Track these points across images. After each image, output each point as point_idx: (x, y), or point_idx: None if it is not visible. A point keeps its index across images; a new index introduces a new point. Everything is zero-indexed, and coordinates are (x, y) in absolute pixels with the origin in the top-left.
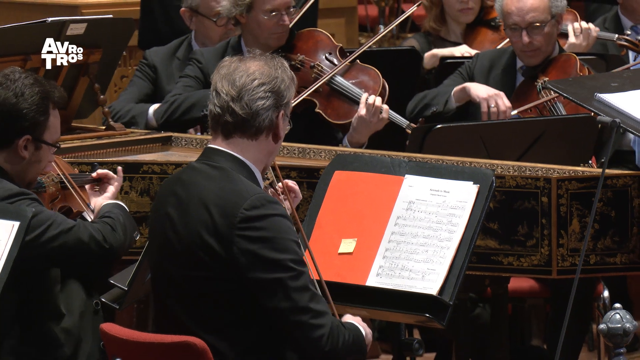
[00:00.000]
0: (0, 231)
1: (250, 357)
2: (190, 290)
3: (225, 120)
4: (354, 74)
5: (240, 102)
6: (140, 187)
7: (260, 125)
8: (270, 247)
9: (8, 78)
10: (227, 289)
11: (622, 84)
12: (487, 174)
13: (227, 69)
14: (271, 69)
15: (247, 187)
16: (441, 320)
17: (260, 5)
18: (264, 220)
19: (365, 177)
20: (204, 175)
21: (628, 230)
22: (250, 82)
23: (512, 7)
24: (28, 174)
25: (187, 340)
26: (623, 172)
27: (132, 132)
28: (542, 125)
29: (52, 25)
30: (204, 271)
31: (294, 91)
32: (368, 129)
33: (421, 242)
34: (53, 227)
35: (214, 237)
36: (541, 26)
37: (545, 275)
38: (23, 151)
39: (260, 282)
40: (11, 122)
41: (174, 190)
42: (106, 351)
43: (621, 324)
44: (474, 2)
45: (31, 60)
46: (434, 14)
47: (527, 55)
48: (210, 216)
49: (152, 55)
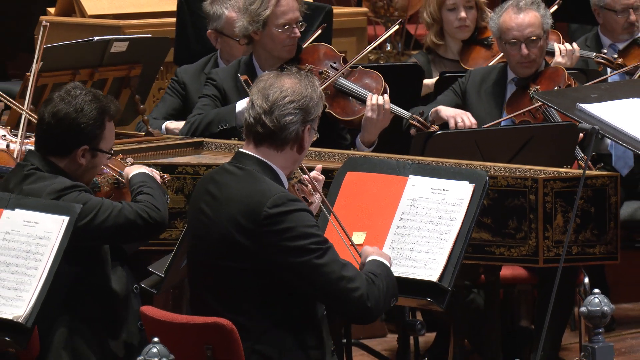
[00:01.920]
0: (52, 225)
1: (272, 334)
2: (221, 277)
3: (256, 130)
4: (358, 77)
5: (271, 116)
6: (176, 186)
7: (287, 138)
8: (293, 237)
9: (70, 94)
10: (254, 277)
11: (600, 95)
12: (482, 174)
13: (264, 84)
14: (302, 88)
15: (270, 186)
16: (441, 304)
17: (273, 21)
18: (285, 215)
19: (374, 178)
20: (233, 176)
21: (606, 225)
22: (281, 98)
23: (512, 24)
24: (85, 178)
25: (217, 321)
26: (601, 173)
27: (168, 138)
28: (530, 132)
29: (99, 44)
30: (233, 261)
31: (322, 107)
32: (376, 128)
33: (423, 234)
34: (102, 211)
35: (242, 233)
36: (537, 40)
37: (532, 264)
38: (81, 159)
39: (293, 269)
40: (71, 135)
41: (208, 188)
42: (145, 331)
43: (600, 307)
44: (471, 21)
45: (80, 74)
46: (435, 30)
47: (523, 67)
48: (238, 214)
49: (182, 72)
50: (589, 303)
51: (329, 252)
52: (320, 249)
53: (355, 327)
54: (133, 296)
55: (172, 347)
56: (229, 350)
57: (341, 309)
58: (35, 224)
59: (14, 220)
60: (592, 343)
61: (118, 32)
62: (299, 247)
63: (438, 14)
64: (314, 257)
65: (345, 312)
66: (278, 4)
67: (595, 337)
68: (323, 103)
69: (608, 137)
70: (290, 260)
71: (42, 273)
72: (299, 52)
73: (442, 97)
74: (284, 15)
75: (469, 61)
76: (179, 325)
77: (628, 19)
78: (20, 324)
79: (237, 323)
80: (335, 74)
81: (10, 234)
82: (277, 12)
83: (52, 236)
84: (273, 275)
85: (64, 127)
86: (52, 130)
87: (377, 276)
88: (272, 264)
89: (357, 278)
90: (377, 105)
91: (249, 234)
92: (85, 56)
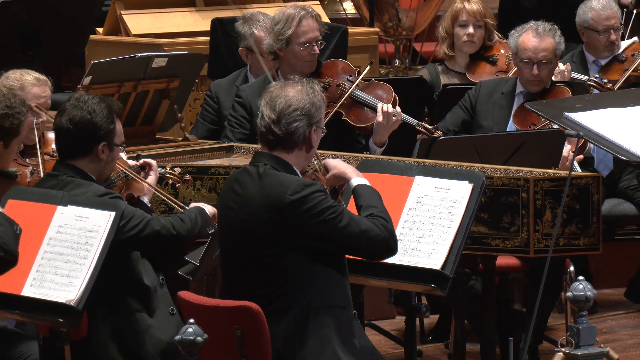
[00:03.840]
0: (100, 220)
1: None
2: (251, 263)
3: (268, 138)
4: (371, 88)
5: (279, 125)
6: (209, 185)
7: (296, 141)
8: (315, 214)
9: (80, 100)
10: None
11: (584, 105)
12: (479, 175)
13: (270, 95)
14: (304, 95)
15: (286, 177)
16: (443, 290)
17: (295, 39)
18: (305, 199)
19: (384, 178)
20: (251, 175)
21: (589, 219)
22: (287, 107)
23: (529, 45)
24: (105, 172)
25: (245, 304)
26: (585, 173)
27: (202, 143)
28: (522, 137)
29: (141, 59)
30: (264, 249)
31: (325, 109)
32: (386, 131)
33: (428, 228)
34: (134, 219)
35: (269, 225)
36: (548, 63)
37: (524, 254)
38: (101, 154)
39: (323, 238)
40: (90, 134)
41: (233, 187)
42: (178, 314)
43: (584, 292)
44: (477, 38)
45: (124, 87)
46: (447, 43)
47: (532, 84)
48: (261, 209)
49: (215, 87)
50: (574, 289)
51: (345, 214)
52: (337, 216)
53: (368, 309)
54: (159, 287)
55: (205, 328)
56: (256, 330)
57: (369, 255)
58: (86, 218)
59: (66, 215)
60: (576, 324)
61: (158, 49)
62: (322, 220)
63: (451, 29)
64: (336, 223)
65: (373, 256)
66: (300, 25)
67: (579, 319)
68: (325, 104)
69: (591, 142)
70: (318, 233)
71: (92, 262)
72: (319, 67)
73: (451, 115)
74: (305, 34)
75: (475, 74)
76: (212, 308)
77: (609, 38)
78: (72, 306)
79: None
80: (351, 86)
81: (63, 227)
82: (299, 31)
83: (100, 229)
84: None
85: (83, 129)
86: (72, 134)
87: (382, 212)
88: (304, 240)
89: (375, 226)
90: (387, 113)
91: (276, 224)
92: (129, 70)
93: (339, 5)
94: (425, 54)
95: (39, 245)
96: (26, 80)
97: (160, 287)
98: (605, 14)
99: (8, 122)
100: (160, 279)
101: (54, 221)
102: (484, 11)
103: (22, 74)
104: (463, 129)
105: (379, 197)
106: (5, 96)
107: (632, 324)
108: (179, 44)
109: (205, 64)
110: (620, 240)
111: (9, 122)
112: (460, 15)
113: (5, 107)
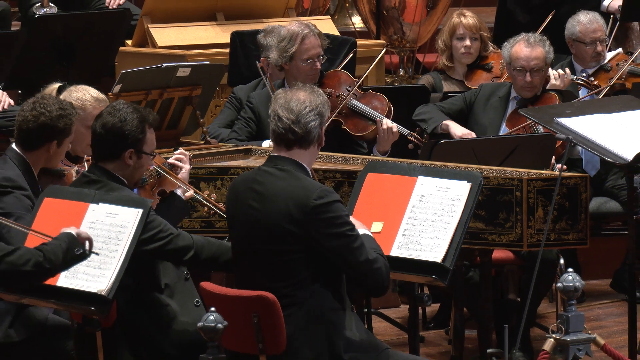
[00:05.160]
0: (129, 216)
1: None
2: (271, 257)
3: (288, 137)
4: (368, 99)
5: (299, 124)
6: (228, 184)
7: (313, 139)
8: (335, 224)
9: (115, 108)
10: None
11: (573, 111)
12: (477, 175)
13: (283, 99)
14: (314, 97)
15: (311, 182)
16: (444, 281)
17: (299, 56)
18: (329, 206)
19: (390, 178)
20: (275, 176)
21: (577, 216)
22: (303, 108)
23: (522, 55)
24: (134, 176)
25: (262, 294)
26: (574, 174)
27: (222, 146)
28: (516, 141)
29: (167, 69)
30: (283, 245)
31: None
32: (387, 142)
33: (429, 224)
34: (162, 232)
35: (292, 222)
36: (540, 70)
37: (518, 248)
38: (128, 160)
39: (334, 249)
40: (118, 141)
41: (252, 187)
42: (204, 303)
43: (573, 283)
44: (474, 49)
45: (151, 94)
46: (446, 55)
47: (525, 90)
48: (287, 206)
49: (238, 90)
50: (564, 279)
51: (359, 238)
52: (353, 236)
53: (374, 299)
54: (184, 280)
55: (225, 315)
56: (271, 318)
57: (366, 283)
58: (115, 215)
59: (98, 212)
60: (566, 312)
61: (182, 60)
62: (339, 232)
63: (449, 42)
64: (350, 242)
65: (370, 286)
66: (302, 43)
67: (569, 307)
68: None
69: (579, 145)
70: (331, 243)
71: (121, 255)
72: (321, 77)
73: (452, 101)
74: (307, 52)
75: (472, 81)
76: (231, 297)
77: (595, 49)
78: (103, 296)
79: (281, 293)
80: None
81: (95, 223)
82: (302, 49)
83: (129, 225)
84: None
85: (112, 135)
86: (103, 138)
87: (382, 255)
88: (317, 245)
89: (378, 259)
90: (387, 128)
91: (298, 223)
92: (155, 79)
93: (348, 19)
94: (427, 64)
95: None
96: (87, 102)
97: (184, 280)
98: (592, 27)
99: (62, 123)
100: (185, 274)
101: (87, 217)
102: (479, 25)
103: (83, 94)
104: (456, 117)
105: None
106: (57, 99)
107: (617, 312)
108: (201, 55)
109: (225, 74)
110: (606, 236)
111: (63, 123)
112: (458, 29)
113: (59, 109)
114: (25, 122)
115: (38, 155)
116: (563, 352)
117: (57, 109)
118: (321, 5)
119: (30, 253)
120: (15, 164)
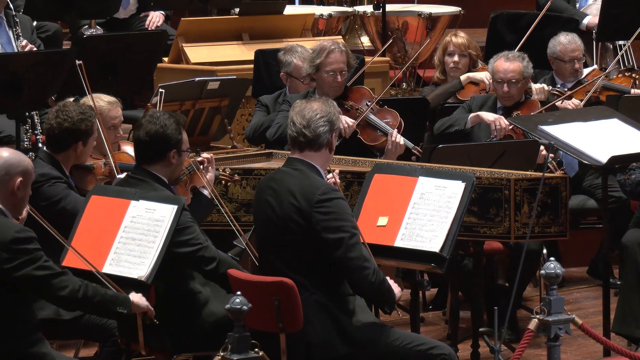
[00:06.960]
0: (165, 211)
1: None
2: (285, 247)
3: (300, 140)
4: (383, 113)
5: (309, 129)
6: (253, 184)
7: (322, 143)
8: (335, 218)
9: (153, 117)
10: (309, 246)
11: (555, 119)
12: (471, 176)
13: (299, 108)
14: (327, 107)
15: (319, 180)
16: (442, 268)
17: (323, 68)
18: (331, 201)
19: (394, 178)
20: (290, 175)
21: (559, 212)
22: (314, 116)
23: (501, 68)
24: (175, 173)
25: (282, 280)
26: (555, 175)
27: (247, 149)
28: (504, 146)
29: (198, 83)
30: (294, 235)
31: (341, 120)
32: (394, 155)
33: (429, 218)
34: (195, 239)
35: (300, 215)
36: (516, 82)
37: (506, 240)
38: (172, 159)
39: (329, 241)
40: (163, 144)
41: (270, 185)
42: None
43: (554, 270)
44: (462, 65)
45: (185, 105)
46: (440, 69)
47: (504, 99)
48: (297, 201)
49: (264, 99)
50: (546, 267)
51: (356, 236)
52: (351, 232)
53: None
54: None
55: (250, 299)
56: (290, 301)
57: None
58: (153, 210)
59: (138, 208)
60: (548, 296)
61: (212, 75)
62: (338, 227)
63: (442, 58)
64: (347, 237)
65: (359, 283)
66: (328, 56)
67: (551, 292)
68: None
69: (560, 150)
70: (329, 234)
71: (159, 245)
72: (346, 91)
73: (459, 111)
74: (330, 65)
75: (462, 94)
76: (255, 283)
77: (574, 66)
78: (143, 281)
79: (297, 280)
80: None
81: (135, 217)
82: (326, 62)
83: (166, 219)
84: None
85: (157, 140)
86: (148, 145)
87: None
88: (317, 237)
89: (370, 260)
90: (395, 142)
91: (303, 215)
92: (189, 92)
93: (357, 39)
94: (427, 79)
95: (117, 232)
96: (101, 107)
97: None
98: (571, 47)
99: (84, 125)
100: None
101: (128, 213)
102: (468, 43)
103: (96, 102)
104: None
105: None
106: (77, 105)
107: (593, 295)
108: (229, 70)
109: (250, 87)
110: (583, 229)
111: (85, 125)
112: (449, 47)
113: (80, 113)
114: (52, 129)
115: (67, 155)
116: (546, 331)
117: (77, 113)
118: (334, 27)
119: (71, 280)
120: (45, 163)
